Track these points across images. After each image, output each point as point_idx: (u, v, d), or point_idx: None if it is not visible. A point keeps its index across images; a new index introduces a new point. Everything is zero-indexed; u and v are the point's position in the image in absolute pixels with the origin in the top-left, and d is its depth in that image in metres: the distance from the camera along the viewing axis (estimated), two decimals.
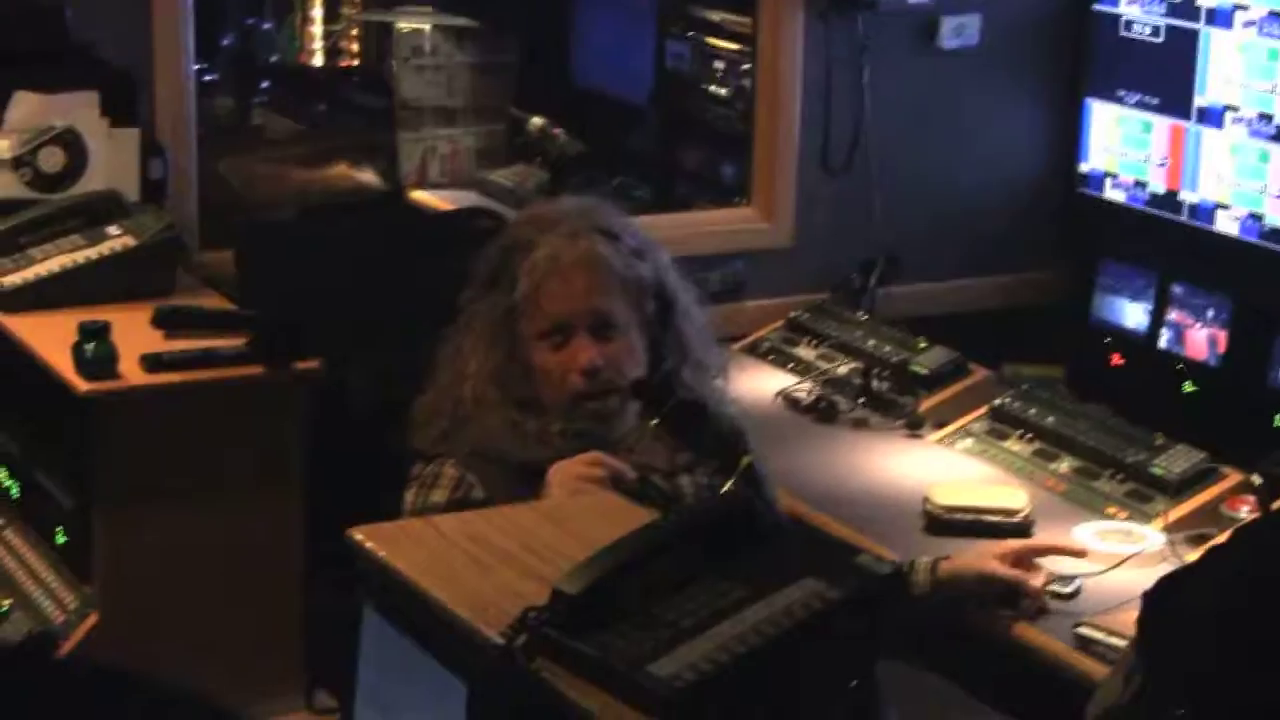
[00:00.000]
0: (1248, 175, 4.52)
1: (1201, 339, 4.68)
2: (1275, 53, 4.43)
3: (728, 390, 3.44)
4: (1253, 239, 4.54)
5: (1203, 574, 2.11)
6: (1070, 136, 5.02)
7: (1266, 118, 4.45)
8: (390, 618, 2.50)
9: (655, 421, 3.21)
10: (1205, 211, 4.65)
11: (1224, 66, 4.53)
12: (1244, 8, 4.50)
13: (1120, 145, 4.85)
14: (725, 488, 3.13)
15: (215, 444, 3.33)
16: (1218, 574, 2.08)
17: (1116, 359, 4.89)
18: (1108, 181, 4.89)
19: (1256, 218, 4.51)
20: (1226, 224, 4.61)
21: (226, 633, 3.32)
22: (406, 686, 2.46)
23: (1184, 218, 4.68)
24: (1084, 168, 4.96)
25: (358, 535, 2.55)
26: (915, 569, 3.22)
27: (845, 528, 3.53)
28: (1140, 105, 4.77)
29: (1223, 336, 4.64)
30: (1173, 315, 4.75)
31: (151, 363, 3.29)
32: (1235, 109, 4.51)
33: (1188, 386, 4.69)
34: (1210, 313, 4.66)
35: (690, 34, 5.34)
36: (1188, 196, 4.67)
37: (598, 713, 2.06)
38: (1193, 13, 4.59)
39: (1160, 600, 2.09)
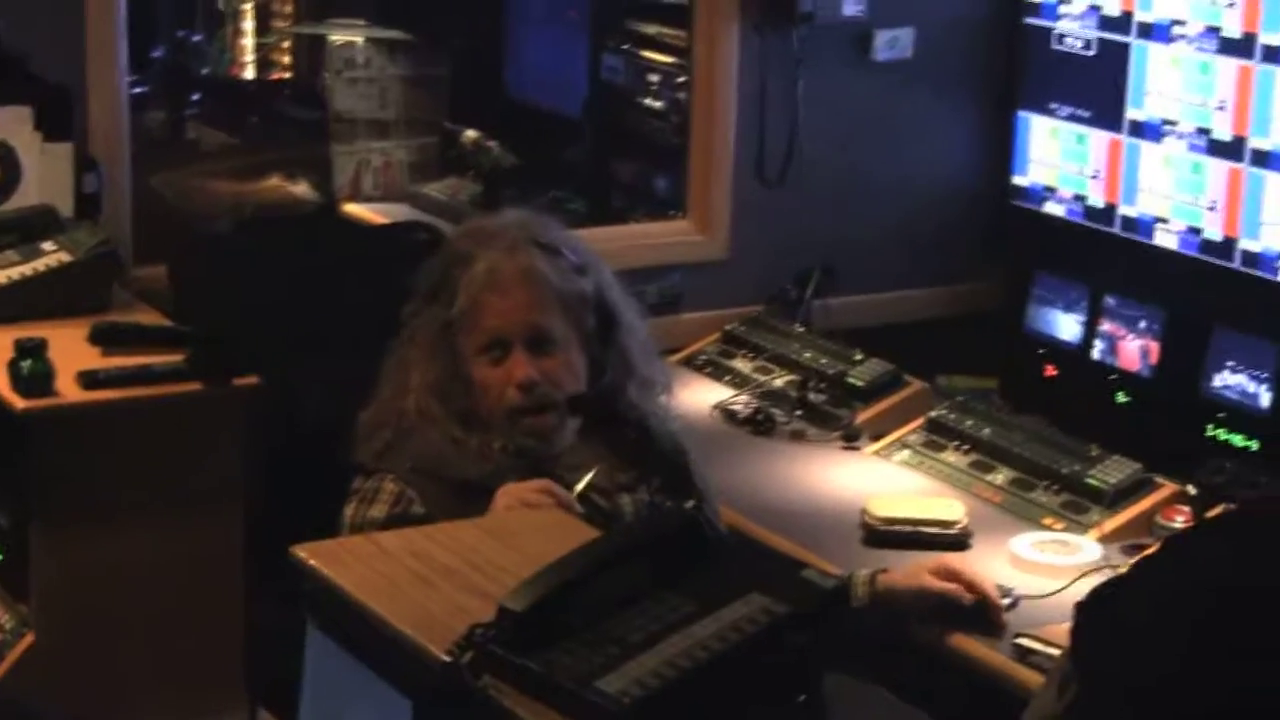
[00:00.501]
0: (1186, 189, 4.55)
1: (1134, 350, 4.71)
2: (1207, 66, 4.46)
3: (672, 407, 3.45)
4: (1192, 253, 4.56)
5: (1135, 585, 2.13)
6: (1004, 149, 5.05)
7: (1204, 132, 4.48)
8: (334, 636, 2.49)
9: (592, 434, 3.23)
10: (1145, 225, 4.67)
11: (1160, 80, 4.57)
12: (1180, 22, 4.52)
13: (1058, 159, 4.89)
14: (668, 504, 3.15)
15: (154, 461, 3.32)
16: (1150, 585, 2.10)
17: (1050, 370, 4.92)
18: (1048, 195, 4.92)
19: (1195, 231, 4.54)
20: (1165, 238, 4.63)
21: (167, 652, 3.31)
22: (351, 705, 2.45)
23: (1120, 231, 4.71)
24: (1023, 181, 4.99)
25: (300, 552, 2.54)
26: (854, 582, 3.24)
27: (785, 540, 3.55)
28: (1073, 119, 4.80)
29: (1155, 348, 4.67)
30: (1106, 326, 4.78)
31: (89, 380, 3.28)
32: (1173, 123, 4.54)
33: (1121, 397, 4.72)
34: (1143, 323, 4.70)
35: (625, 47, 5.35)
36: (1126, 210, 4.70)
37: None
38: (1125, 26, 4.62)
39: (1093, 611, 2.10)
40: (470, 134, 5.36)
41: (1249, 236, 4.41)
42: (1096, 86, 4.73)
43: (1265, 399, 4.38)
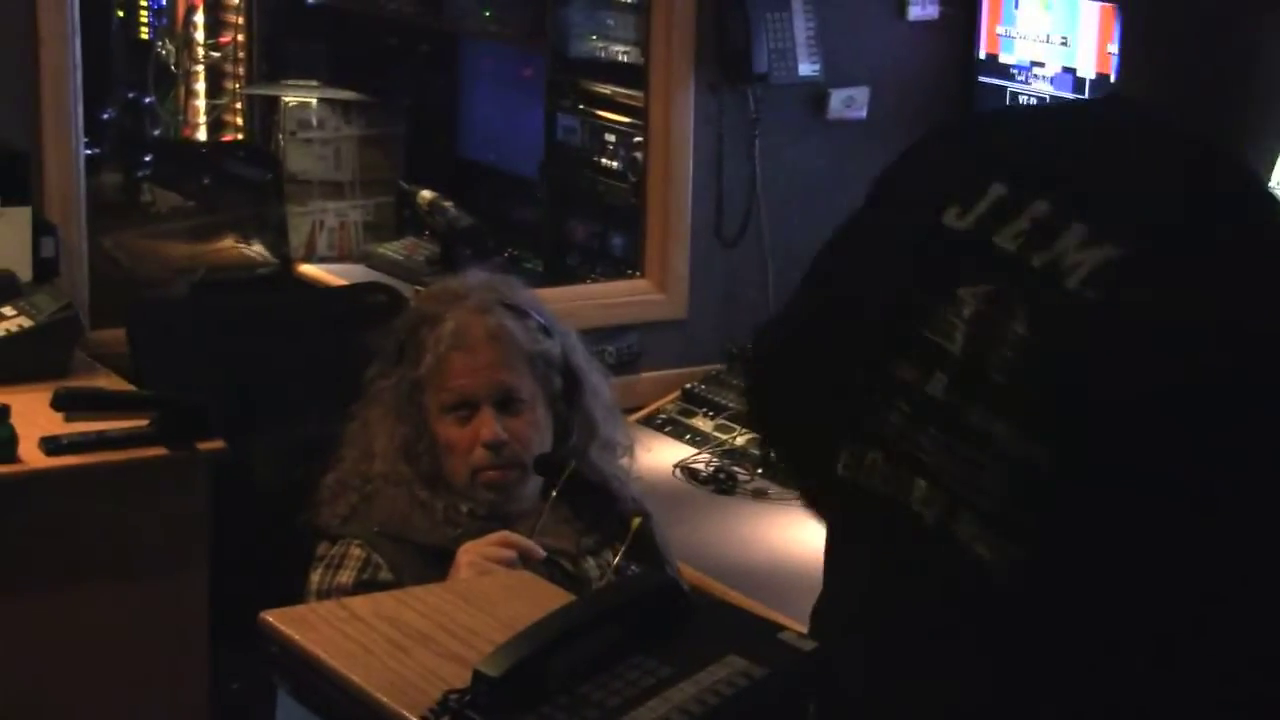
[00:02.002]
0: None
1: None
2: None
3: (633, 469, 3.47)
4: None
5: None
6: None
7: None
8: (305, 701, 2.50)
9: (555, 497, 3.23)
10: None
11: None
12: None
13: None
14: (634, 568, 3.16)
15: (118, 525, 3.32)
16: None
17: None
18: None
19: None
20: None
21: (130, 717, 3.30)
22: None
23: None
24: None
25: (269, 618, 2.54)
26: None
27: (749, 600, 3.56)
28: None
29: None
30: None
31: (52, 446, 3.27)
32: None
33: None
34: None
35: (580, 107, 5.37)
36: None
37: None
38: (1078, 86, 4.64)
39: None
40: (426, 194, 5.36)
41: None
42: None
43: None
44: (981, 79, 4.94)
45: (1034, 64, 4.65)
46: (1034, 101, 4.78)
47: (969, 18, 4.93)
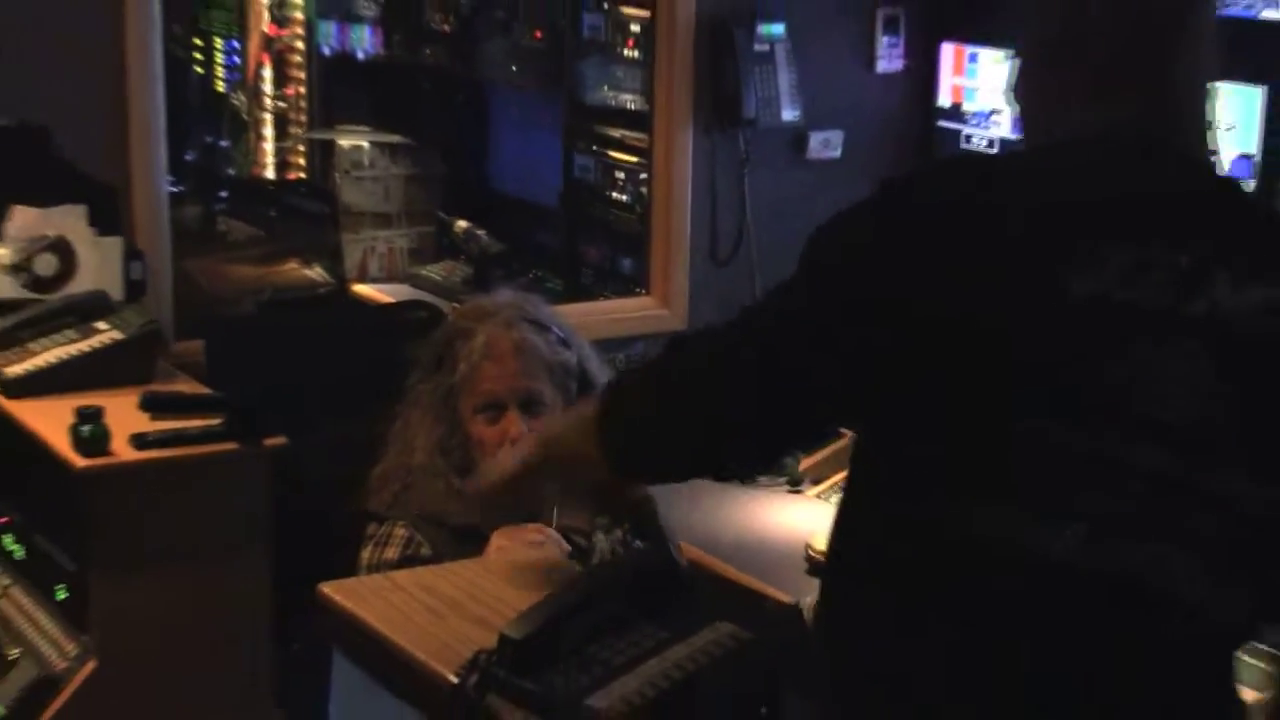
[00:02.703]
0: None
1: None
2: None
3: None
4: None
5: None
6: None
7: None
8: (357, 661, 2.50)
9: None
10: None
11: None
12: None
13: None
14: (641, 545, 3.16)
15: (195, 510, 3.31)
16: None
17: None
18: None
19: None
20: None
21: (206, 675, 3.30)
22: None
23: None
24: None
25: (326, 589, 2.55)
26: (804, 608, 3.24)
27: (740, 573, 3.56)
28: None
29: None
30: None
31: (139, 441, 3.27)
32: None
33: None
34: None
35: (594, 148, 5.38)
36: None
37: None
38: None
39: None
40: (462, 223, 5.35)
41: None
42: None
43: None
44: (940, 123, 4.94)
45: (992, 111, 4.63)
46: (985, 144, 4.78)
47: (929, 71, 4.93)
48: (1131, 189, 1.86)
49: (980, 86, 4.63)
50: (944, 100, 4.73)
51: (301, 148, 6.53)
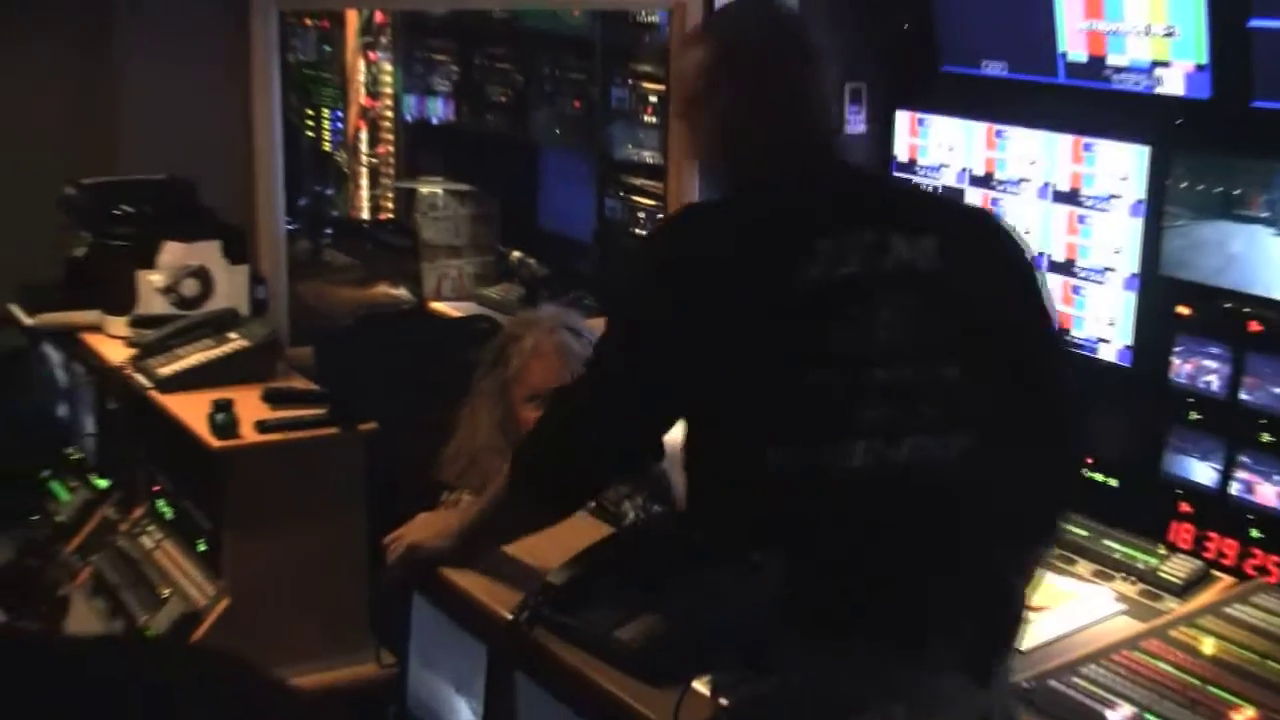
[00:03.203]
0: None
1: None
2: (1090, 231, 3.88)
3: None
4: (1125, 363, 3.77)
5: None
6: None
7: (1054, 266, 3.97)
8: (431, 599, 2.51)
9: None
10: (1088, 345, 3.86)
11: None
12: (1026, 180, 4.07)
13: None
14: (657, 509, 3.15)
15: (306, 480, 3.31)
16: None
17: None
18: None
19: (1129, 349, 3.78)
20: (1108, 354, 3.80)
21: (316, 611, 3.30)
22: (444, 648, 2.46)
23: None
24: None
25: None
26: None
27: None
28: None
29: None
30: None
31: (263, 427, 3.28)
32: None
33: None
34: None
35: (620, 194, 5.38)
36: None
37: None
38: (986, 182, 4.31)
39: None
40: (515, 254, 5.37)
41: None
42: None
43: None
44: (897, 174, 4.90)
45: (942, 165, 4.58)
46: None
47: (888, 133, 4.91)
48: (822, 200, 2.04)
49: (930, 145, 4.61)
50: (901, 156, 4.70)
51: (390, 194, 6.55)
